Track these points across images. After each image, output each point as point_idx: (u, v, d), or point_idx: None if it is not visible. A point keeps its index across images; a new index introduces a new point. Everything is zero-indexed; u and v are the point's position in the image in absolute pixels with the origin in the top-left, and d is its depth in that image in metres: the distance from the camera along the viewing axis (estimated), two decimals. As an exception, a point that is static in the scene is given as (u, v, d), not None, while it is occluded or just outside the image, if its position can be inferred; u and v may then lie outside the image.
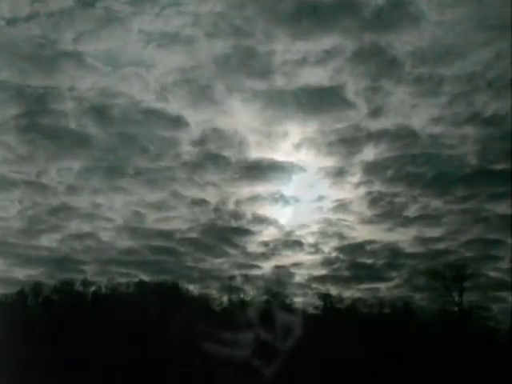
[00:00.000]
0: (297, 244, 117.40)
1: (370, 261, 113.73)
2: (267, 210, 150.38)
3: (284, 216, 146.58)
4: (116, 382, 55.04)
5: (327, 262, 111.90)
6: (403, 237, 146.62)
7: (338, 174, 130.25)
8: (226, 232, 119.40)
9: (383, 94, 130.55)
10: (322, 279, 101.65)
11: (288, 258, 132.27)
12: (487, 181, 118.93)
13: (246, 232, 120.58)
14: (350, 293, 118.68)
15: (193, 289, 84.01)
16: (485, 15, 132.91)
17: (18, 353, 54.41)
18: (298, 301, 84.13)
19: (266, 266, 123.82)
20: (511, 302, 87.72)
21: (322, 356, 58.62)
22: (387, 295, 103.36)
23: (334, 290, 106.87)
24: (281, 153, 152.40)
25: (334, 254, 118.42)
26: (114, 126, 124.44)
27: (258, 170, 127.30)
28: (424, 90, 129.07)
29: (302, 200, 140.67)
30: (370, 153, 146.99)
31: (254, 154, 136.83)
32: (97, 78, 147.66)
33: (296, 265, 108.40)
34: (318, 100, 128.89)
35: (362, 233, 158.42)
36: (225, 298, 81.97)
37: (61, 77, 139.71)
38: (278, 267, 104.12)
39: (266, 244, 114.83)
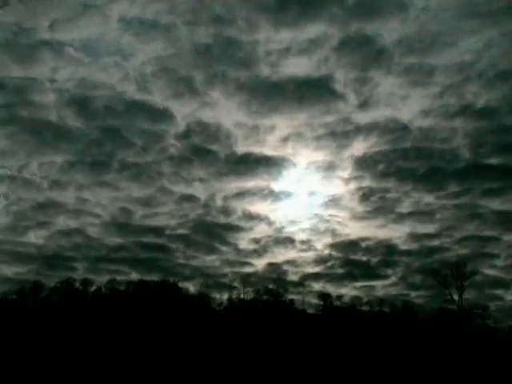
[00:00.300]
0: (288, 241, 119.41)
1: (364, 258, 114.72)
2: (257, 206, 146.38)
3: (274, 212, 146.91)
4: (116, 382, 54.85)
5: (320, 260, 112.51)
6: (397, 233, 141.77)
7: (328, 168, 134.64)
8: (217, 228, 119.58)
9: (372, 85, 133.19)
10: (315, 277, 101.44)
11: (281, 255, 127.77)
12: (480, 176, 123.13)
13: (236, 228, 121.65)
14: (345, 291, 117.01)
15: (187, 287, 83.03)
16: (472, 2, 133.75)
17: (18, 352, 54.37)
18: (292, 298, 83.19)
19: (259, 264, 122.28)
20: (508, 301, 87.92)
21: (321, 355, 58.55)
22: (383, 293, 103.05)
23: (328, 288, 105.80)
24: (268, 147, 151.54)
25: (326, 251, 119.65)
26: (96, 119, 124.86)
27: (246, 165, 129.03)
28: (414, 80, 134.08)
29: (292, 195, 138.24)
30: (359, 147, 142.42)
31: (241, 147, 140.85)
32: (75, 68, 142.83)
33: (288, 262, 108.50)
34: (306, 91, 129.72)
35: (354, 229, 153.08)
36: (223, 297, 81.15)
37: (39, 67, 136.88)
38: (270, 264, 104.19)
39: (257, 241, 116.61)
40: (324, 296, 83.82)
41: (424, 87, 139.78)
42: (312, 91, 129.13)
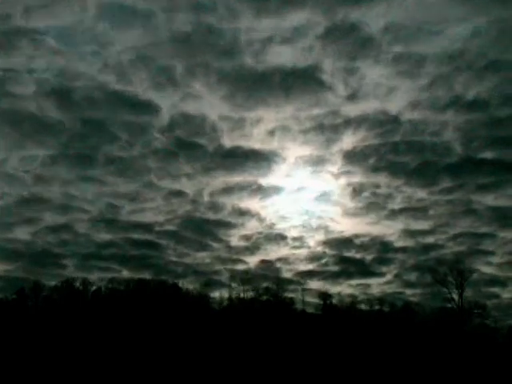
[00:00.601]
0: (280, 237, 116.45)
1: (358, 255, 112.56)
2: (246, 202, 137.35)
3: (264, 208, 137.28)
4: (116, 381, 54.87)
5: (313, 257, 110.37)
6: (390, 230, 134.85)
7: (317, 163, 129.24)
8: (207, 224, 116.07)
9: (360, 75, 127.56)
10: (309, 274, 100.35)
11: (273, 252, 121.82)
12: (474, 171, 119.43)
13: (226, 225, 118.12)
14: (340, 288, 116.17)
15: (187, 286, 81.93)
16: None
17: (18, 352, 54.34)
18: (292, 298, 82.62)
19: (251, 261, 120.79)
20: (506, 299, 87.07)
21: (321, 355, 58.61)
22: (379, 291, 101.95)
23: (323, 286, 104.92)
24: (255, 141, 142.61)
25: (319, 248, 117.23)
26: (78, 111, 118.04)
27: (234, 159, 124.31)
28: (402, 70, 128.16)
29: (282, 191, 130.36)
30: (349, 140, 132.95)
31: (227, 141, 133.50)
32: (53, 58, 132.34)
33: (281, 259, 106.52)
34: (292, 82, 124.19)
35: (347, 226, 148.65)
36: (216, 295, 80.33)
37: (16, 56, 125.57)
38: (263, 262, 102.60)
39: (248, 237, 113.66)
40: (324, 296, 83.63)
41: (412, 78, 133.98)
42: (298, 82, 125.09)
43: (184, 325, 62.41)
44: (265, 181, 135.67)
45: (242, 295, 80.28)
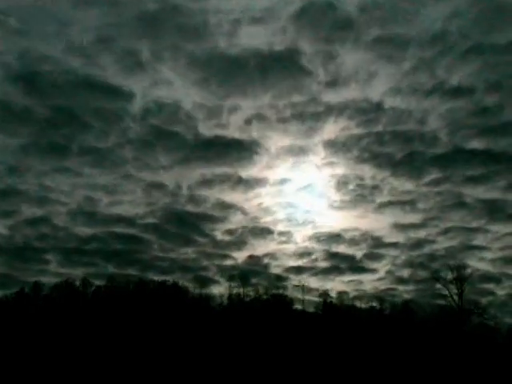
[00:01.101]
0: (266, 232, 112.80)
1: (348, 251, 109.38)
2: (228, 194, 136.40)
3: (247, 201, 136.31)
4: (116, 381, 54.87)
5: (302, 252, 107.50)
6: (379, 224, 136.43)
7: (299, 153, 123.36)
8: (189, 218, 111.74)
9: (340, 60, 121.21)
10: (298, 270, 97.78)
11: (260, 247, 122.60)
12: (462, 162, 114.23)
13: (209, 218, 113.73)
14: (331, 285, 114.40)
15: (187, 286, 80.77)
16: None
17: (18, 352, 54.25)
18: (292, 298, 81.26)
19: (239, 256, 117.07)
20: (501, 296, 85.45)
21: (321, 355, 58.59)
22: (372, 288, 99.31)
23: (313, 283, 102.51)
24: (233, 130, 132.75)
25: (307, 244, 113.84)
26: (47, 97, 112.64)
27: (213, 150, 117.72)
28: (383, 54, 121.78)
29: (264, 183, 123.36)
30: (330, 130, 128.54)
31: (204, 130, 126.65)
32: (15, 39, 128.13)
33: (268, 255, 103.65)
34: (269, 67, 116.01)
35: (333, 220, 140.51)
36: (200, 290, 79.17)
37: None
38: (251, 257, 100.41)
39: (233, 232, 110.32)
40: (324, 295, 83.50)
41: (393, 62, 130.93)
42: (275, 67, 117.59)
43: (184, 324, 62.35)
44: (245, 172, 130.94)
45: (234, 292, 79.64)
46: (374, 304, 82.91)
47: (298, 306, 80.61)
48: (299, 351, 58.37)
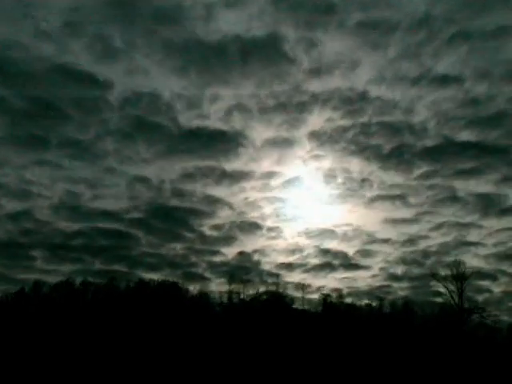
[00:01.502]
0: (255, 227, 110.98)
1: (340, 247, 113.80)
2: (212, 188, 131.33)
3: (232, 195, 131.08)
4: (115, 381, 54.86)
5: (293, 249, 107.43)
6: (370, 219, 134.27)
7: (284, 146, 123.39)
8: (175, 213, 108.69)
9: (322, 46, 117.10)
10: (289, 267, 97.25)
11: (249, 242, 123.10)
12: (452, 154, 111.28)
13: (195, 212, 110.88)
14: (324, 282, 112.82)
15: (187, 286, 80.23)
16: None
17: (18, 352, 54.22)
18: (292, 297, 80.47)
19: (229, 252, 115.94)
20: (497, 293, 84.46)
21: (321, 354, 58.55)
22: (366, 285, 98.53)
23: (305, 280, 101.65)
24: (214, 120, 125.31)
25: (297, 239, 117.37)
26: (22, 87, 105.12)
27: (195, 142, 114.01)
28: (367, 40, 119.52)
29: (249, 176, 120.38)
30: (315, 121, 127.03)
31: (185, 121, 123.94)
32: None
33: (258, 251, 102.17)
34: (251, 54, 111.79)
35: (323, 215, 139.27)
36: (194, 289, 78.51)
37: None
38: (241, 253, 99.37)
39: (220, 227, 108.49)
40: (324, 295, 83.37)
41: (377, 49, 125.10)
42: (258, 54, 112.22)
43: (184, 324, 62.29)
44: (229, 165, 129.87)
45: (234, 291, 79.14)
46: (370, 301, 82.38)
47: (298, 306, 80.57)
48: (299, 351, 58.31)
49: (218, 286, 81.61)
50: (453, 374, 55.69)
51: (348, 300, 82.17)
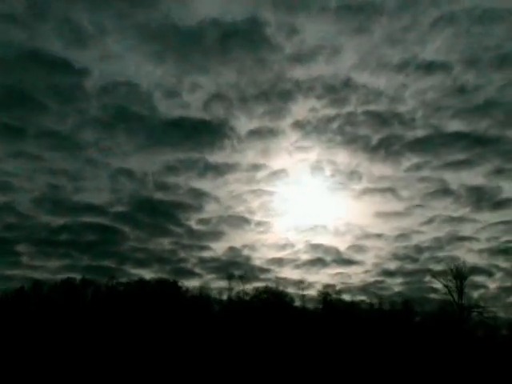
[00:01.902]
0: (243, 221, 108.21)
1: (331, 242, 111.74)
2: (197, 181, 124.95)
3: (217, 188, 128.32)
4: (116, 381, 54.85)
5: (284, 244, 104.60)
6: (360, 213, 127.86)
7: (268, 137, 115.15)
8: (160, 206, 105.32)
9: (304, 31, 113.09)
10: (280, 262, 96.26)
11: (238, 237, 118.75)
12: (442, 145, 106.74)
13: (181, 206, 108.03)
14: (316, 278, 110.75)
15: (187, 286, 79.69)
16: None
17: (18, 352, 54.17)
18: (292, 296, 79.38)
19: (218, 248, 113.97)
20: (493, 289, 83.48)
21: (322, 354, 58.51)
22: (359, 281, 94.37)
23: (296, 275, 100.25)
24: (194, 110, 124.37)
25: (287, 234, 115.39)
26: None
27: (177, 132, 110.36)
28: (349, 25, 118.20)
29: (233, 168, 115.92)
30: (299, 110, 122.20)
31: (165, 110, 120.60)
32: None
33: (247, 246, 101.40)
34: (230, 40, 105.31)
35: (312, 209, 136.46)
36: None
37: None
38: (231, 249, 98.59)
39: (207, 221, 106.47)
40: (324, 293, 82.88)
41: (359, 33, 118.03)
42: (236, 39, 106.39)
43: (184, 324, 62.25)
44: (213, 157, 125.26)
45: (241, 294, 79.15)
46: (365, 298, 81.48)
47: (298, 304, 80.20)
48: (300, 349, 58.29)
49: (211, 282, 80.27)
50: (452, 373, 55.68)
51: (343, 296, 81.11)
